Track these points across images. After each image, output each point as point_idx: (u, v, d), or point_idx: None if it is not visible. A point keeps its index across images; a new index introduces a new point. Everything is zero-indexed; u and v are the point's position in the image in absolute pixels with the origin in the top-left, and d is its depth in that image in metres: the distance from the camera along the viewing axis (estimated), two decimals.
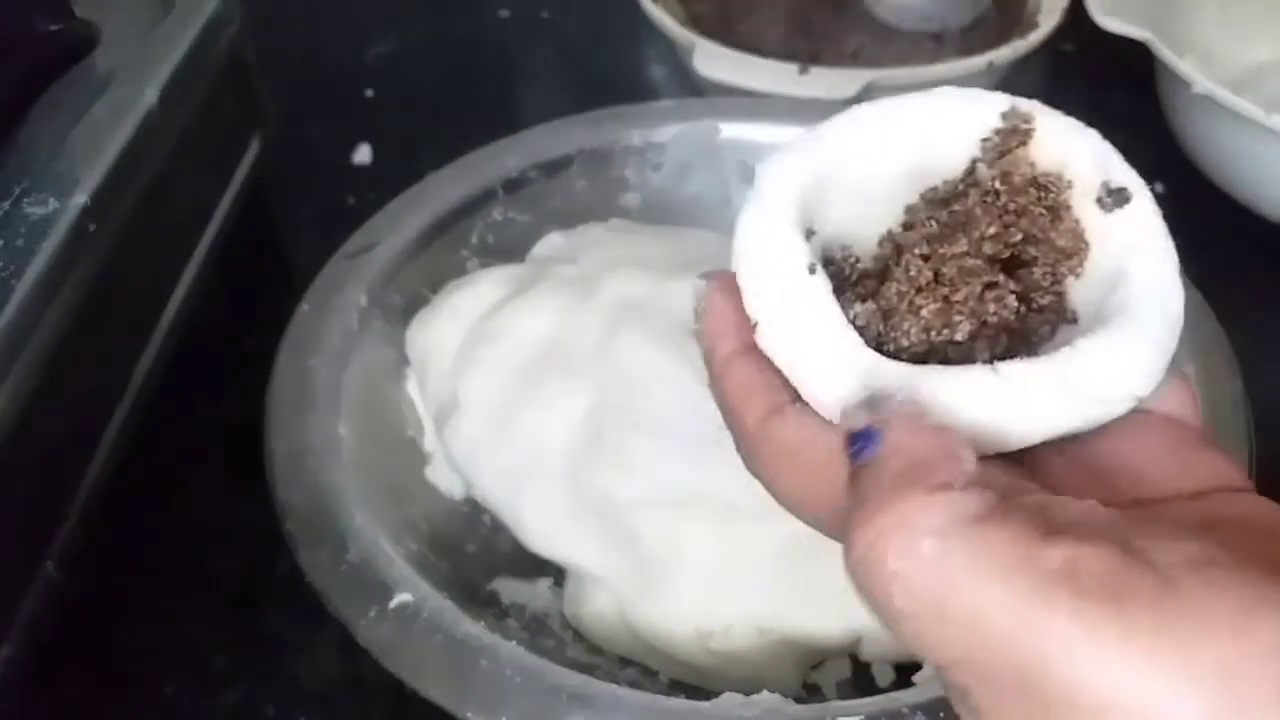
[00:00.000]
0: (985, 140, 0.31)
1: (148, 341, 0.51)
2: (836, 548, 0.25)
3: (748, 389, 0.30)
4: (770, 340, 0.29)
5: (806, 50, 0.70)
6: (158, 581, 0.49)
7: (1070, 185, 0.30)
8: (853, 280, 0.31)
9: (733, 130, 0.59)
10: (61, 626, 0.44)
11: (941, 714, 0.36)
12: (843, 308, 0.29)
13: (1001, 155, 0.31)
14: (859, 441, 0.26)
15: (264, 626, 0.48)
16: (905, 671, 0.43)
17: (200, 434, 0.54)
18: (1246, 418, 0.45)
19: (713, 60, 0.66)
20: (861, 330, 0.29)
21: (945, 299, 0.29)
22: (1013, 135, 0.31)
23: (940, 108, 0.31)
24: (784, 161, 0.31)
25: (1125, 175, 0.30)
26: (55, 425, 0.44)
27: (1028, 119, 0.31)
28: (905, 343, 0.29)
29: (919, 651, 0.24)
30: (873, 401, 0.27)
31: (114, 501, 0.47)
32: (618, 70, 0.79)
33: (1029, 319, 0.30)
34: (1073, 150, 0.30)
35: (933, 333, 0.29)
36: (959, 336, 0.29)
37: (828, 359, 0.28)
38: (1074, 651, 0.21)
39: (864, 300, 0.29)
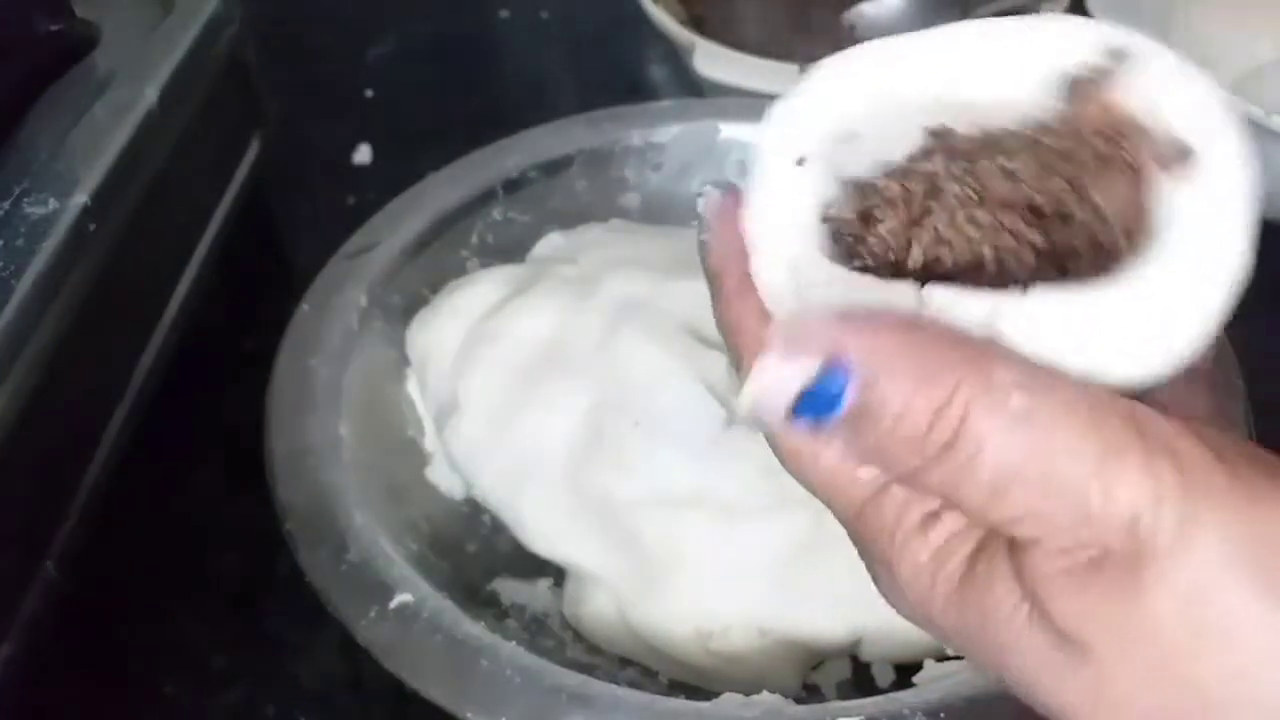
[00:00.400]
0: (1068, 76, 0.27)
1: (148, 341, 0.51)
2: (837, 548, 0.25)
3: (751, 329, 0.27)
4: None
5: (806, 50, 0.70)
6: (158, 581, 0.49)
7: (1144, 136, 0.26)
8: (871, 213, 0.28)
9: (733, 130, 0.59)
10: (61, 626, 0.44)
11: (942, 714, 0.36)
12: (858, 241, 0.27)
13: (1077, 95, 0.27)
14: (821, 391, 0.23)
15: (264, 626, 0.48)
16: (905, 672, 0.43)
17: (200, 434, 0.54)
18: (1247, 418, 0.45)
19: (712, 60, 0.66)
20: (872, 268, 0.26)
21: (941, 238, 0.26)
22: (1098, 73, 0.27)
23: (1027, 36, 0.27)
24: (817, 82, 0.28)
25: (1213, 130, 0.25)
26: (55, 425, 0.44)
27: (1122, 54, 0.26)
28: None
29: (989, 513, 0.23)
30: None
31: (114, 501, 0.47)
32: (618, 70, 0.79)
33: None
34: (1168, 97, 0.26)
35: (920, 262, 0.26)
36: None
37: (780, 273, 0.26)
38: (1139, 502, 0.21)
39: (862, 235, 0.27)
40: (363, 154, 0.70)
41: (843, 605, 0.42)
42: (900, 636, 0.42)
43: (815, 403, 0.23)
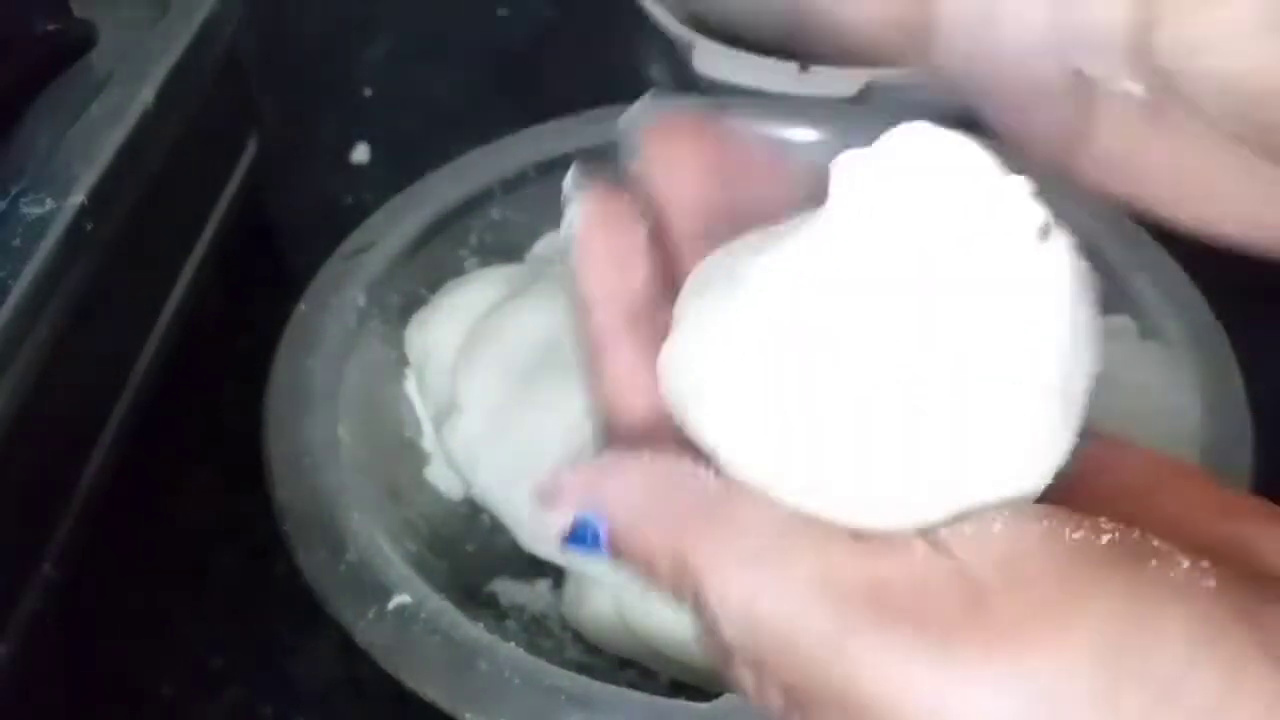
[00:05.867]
0: None
1: (145, 341, 0.51)
2: None
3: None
4: None
5: (806, 49, 0.70)
6: (155, 582, 0.49)
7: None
8: None
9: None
10: (59, 626, 0.44)
11: None
12: None
13: None
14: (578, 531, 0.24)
15: (262, 627, 0.48)
16: None
17: (198, 434, 0.54)
18: (1247, 418, 0.45)
19: (712, 59, 0.66)
20: None
21: None
22: None
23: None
24: None
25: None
26: (53, 425, 0.44)
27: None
28: None
29: (760, 674, 0.22)
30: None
31: (112, 502, 0.47)
32: (617, 69, 0.79)
33: None
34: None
35: None
36: None
37: None
38: (888, 678, 0.20)
39: None
40: (361, 153, 0.70)
41: None
42: None
43: (580, 538, 0.24)
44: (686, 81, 0.70)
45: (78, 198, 0.44)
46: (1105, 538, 0.20)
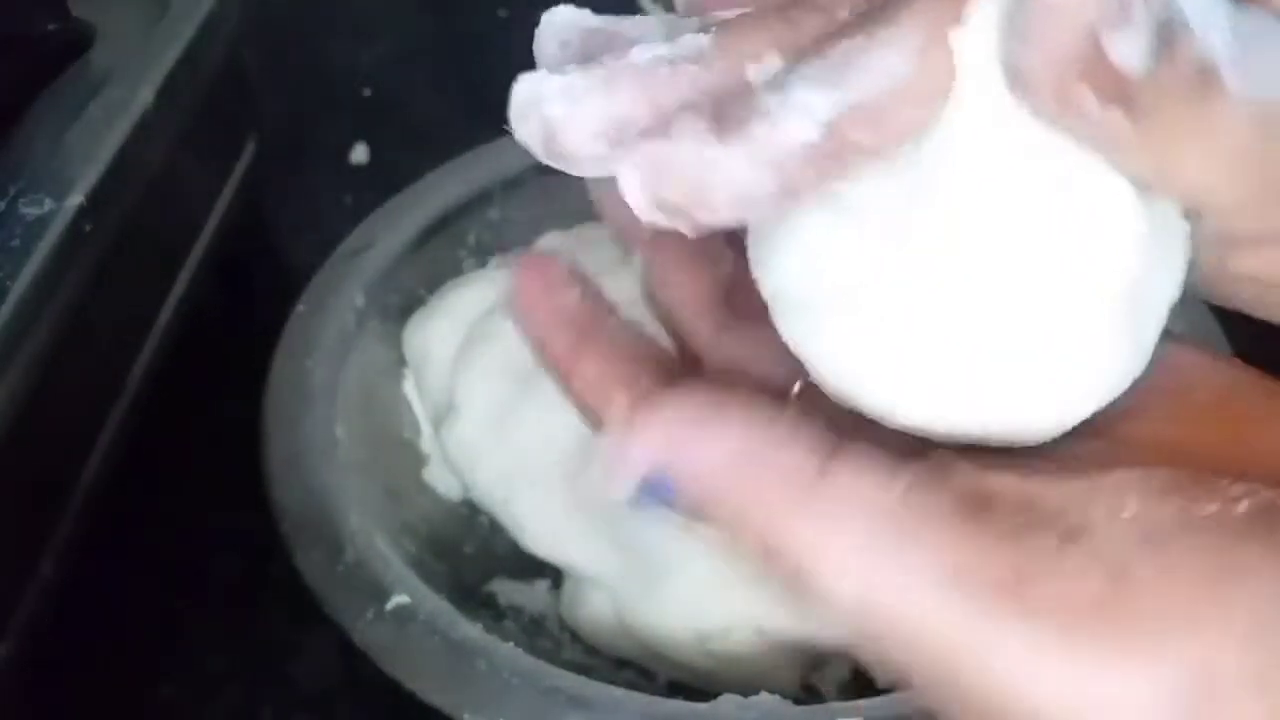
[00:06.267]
0: None
1: (144, 341, 0.51)
2: None
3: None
4: None
5: None
6: (154, 582, 0.49)
7: None
8: None
9: None
10: (58, 627, 0.44)
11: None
12: None
13: None
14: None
15: (261, 628, 0.48)
16: None
17: (197, 435, 0.54)
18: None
19: None
20: None
21: None
22: None
23: None
24: None
25: None
26: (51, 426, 0.43)
27: None
28: None
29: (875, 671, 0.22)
30: None
31: (111, 502, 0.47)
32: None
33: None
34: None
35: None
36: None
37: None
38: (1025, 673, 0.19)
39: None
40: (360, 153, 0.70)
41: None
42: None
43: (654, 492, 0.22)
44: None
45: (76, 198, 0.44)
46: (1240, 507, 0.20)
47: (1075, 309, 0.22)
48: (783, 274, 0.24)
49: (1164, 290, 0.23)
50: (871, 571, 0.20)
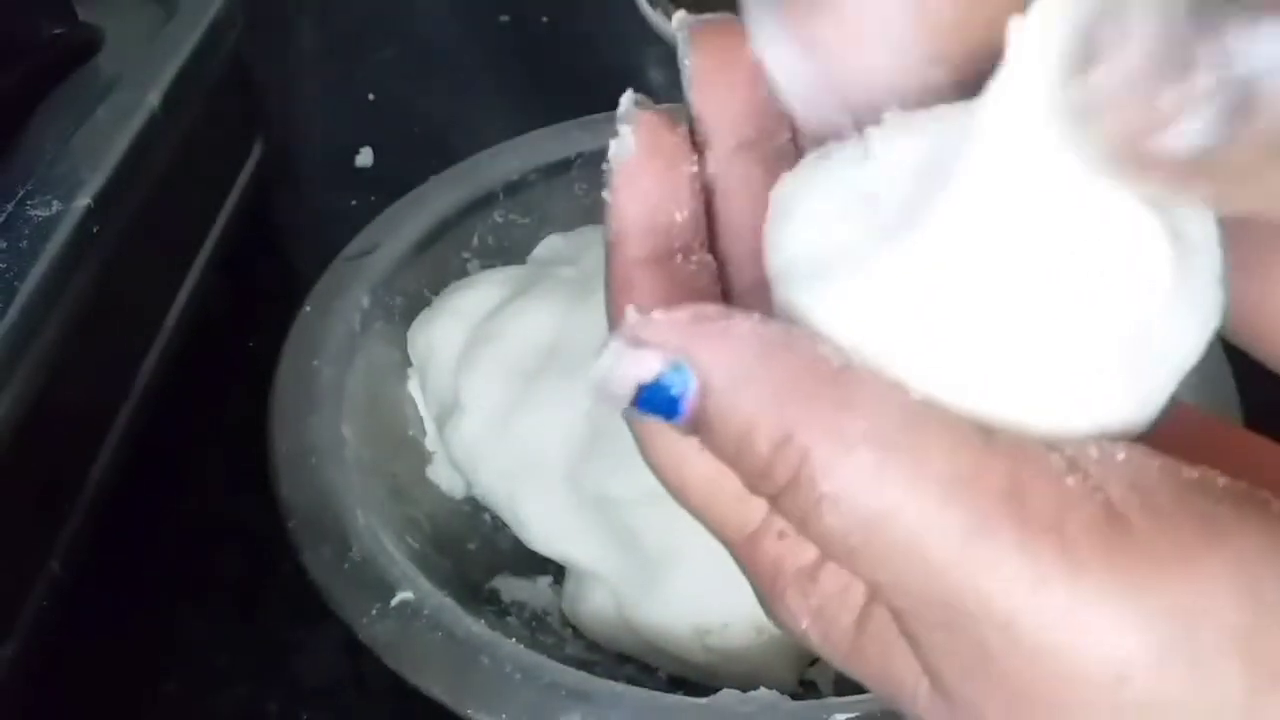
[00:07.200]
0: None
1: (151, 343, 0.51)
2: None
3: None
4: None
5: None
6: (161, 580, 0.50)
7: None
8: None
9: None
10: (65, 625, 0.44)
11: None
12: None
13: None
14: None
15: (266, 625, 0.48)
16: None
17: (204, 434, 0.54)
18: (1240, 419, 0.45)
19: None
20: None
21: None
22: None
23: None
24: None
25: None
26: (59, 426, 0.44)
27: None
28: None
29: (848, 568, 0.21)
30: None
31: (118, 501, 0.47)
32: (617, 74, 0.79)
33: None
34: None
35: None
36: None
37: None
38: (1016, 591, 0.18)
39: None
40: (365, 157, 0.71)
41: None
42: None
43: (655, 400, 0.20)
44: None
45: (84, 200, 0.44)
46: (1221, 480, 0.20)
47: (1075, 337, 0.21)
48: (799, 243, 0.23)
49: (1183, 342, 0.22)
50: (882, 467, 0.19)
